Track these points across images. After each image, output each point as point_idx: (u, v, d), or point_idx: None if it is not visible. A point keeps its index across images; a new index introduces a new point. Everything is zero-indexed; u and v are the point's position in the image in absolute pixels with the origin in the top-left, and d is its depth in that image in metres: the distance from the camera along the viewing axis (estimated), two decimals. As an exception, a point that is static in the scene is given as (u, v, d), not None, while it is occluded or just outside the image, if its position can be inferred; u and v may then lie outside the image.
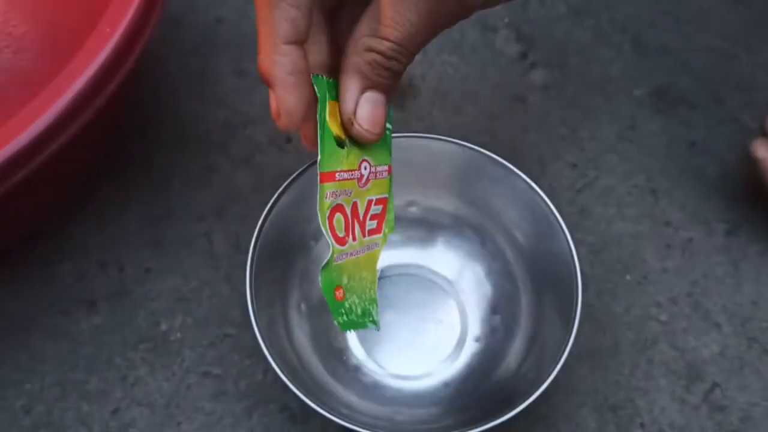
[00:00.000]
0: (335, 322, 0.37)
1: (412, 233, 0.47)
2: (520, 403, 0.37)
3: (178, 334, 0.46)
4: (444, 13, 0.35)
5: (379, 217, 0.40)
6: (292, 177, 0.43)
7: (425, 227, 0.47)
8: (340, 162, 0.36)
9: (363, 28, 0.35)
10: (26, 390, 0.44)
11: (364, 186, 0.38)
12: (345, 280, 0.38)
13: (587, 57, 0.57)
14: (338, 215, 0.37)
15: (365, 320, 0.39)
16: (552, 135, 0.53)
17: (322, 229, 0.36)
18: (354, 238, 0.38)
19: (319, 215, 0.35)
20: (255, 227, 0.42)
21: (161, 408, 0.44)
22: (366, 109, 0.36)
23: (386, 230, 0.40)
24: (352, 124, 0.36)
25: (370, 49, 0.35)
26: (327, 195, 0.35)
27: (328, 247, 0.36)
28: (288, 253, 0.45)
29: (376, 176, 0.38)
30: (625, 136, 0.54)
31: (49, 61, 0.48)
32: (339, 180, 0.36)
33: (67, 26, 0.48)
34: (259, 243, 0.42)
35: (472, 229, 0.47)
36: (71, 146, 0.39)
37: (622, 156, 0.53)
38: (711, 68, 0.56)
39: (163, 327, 0.46)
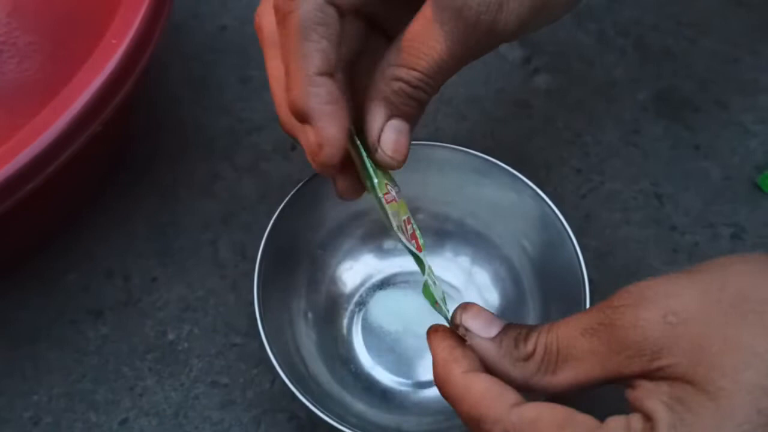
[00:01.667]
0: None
1: (418, 240, 0.47)
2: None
3: (185, 344, 0.46)
4: (472, 45, 0.35)
5: (414, 235, 0.40)
6: (298, 186, 0.43)
7: (431, 234, 0.47)
8: (382, 186, 0.37)
9: (391, 56, 0.36)
10: (34, 401, 0.44)
11: (397, 202, 0.38)
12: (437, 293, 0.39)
13: (591, 61, 0.57)
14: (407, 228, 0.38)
15: None
16: (556, 140, 0.53)
17: (404, 242, 0.37)
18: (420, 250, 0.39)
19: (399, 235, 0.37)
20: (260, 235, 0.42)
21: (169, 418, 0.44)
22: (390, 136, 0.36)
23: (422, 245, 0.40)
24: (376, 150, 0.36)
25: (397, 79, 0.35)
26: (391, 214, 0.36)
27: (422, 265, 0.37)
28: (294, 261, 0.45)
29: (398, 197, 0.38)
30: (629, 140, 0.54)
31: (54, 71, 0.48)
32: (389, 201, 0.37)
33: (72, 37, 0.48)
34: (265, 252, 0.42)
35: (478, 236, 0.47)
36: (79, 157, 0.39)
37: (626, 160, 0.53)
38: (714, 72, 0.56)
39: (170, 336, 0.46)
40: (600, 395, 0.32)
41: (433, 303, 0.39)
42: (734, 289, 0.29)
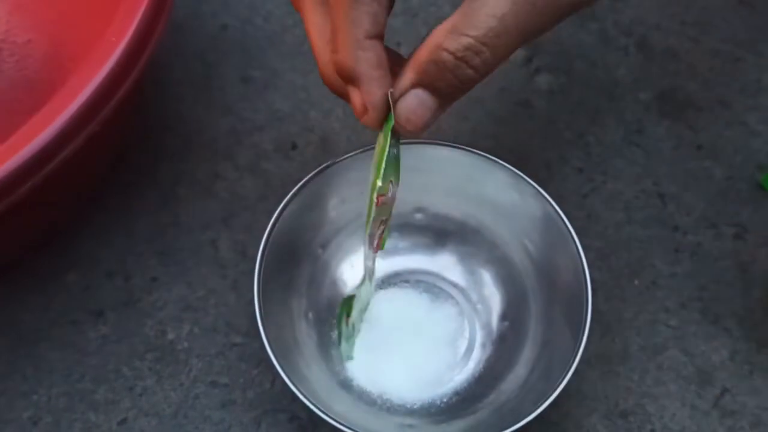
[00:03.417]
0: (345, 355, 0.41)
1: (419, 240, 0.47)
2: (531, 412, 0.37)
3: (185, 344, 0.46)
4: (540, 8, 0.33)
5: (380, 237, 0.40)
6: (299, 185, 0.43)
7: (432, 234, 0.47)
8: (384, 182, 0.36)
9: (444, 24, 0.33)
10: (33, 401, 0.44)
11: (388, 204, 0.38)
12: (355, 305, 0.39)
13: (593, 61, 0.57)
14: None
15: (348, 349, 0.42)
16: (558, 140, 0.53)
17: (369, 251, 0.36)
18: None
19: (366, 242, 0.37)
20: (261, 235, 0.42)
21: (169, 418, 0.44)
22: (409, 104, 0.34)
23: (382, 246, 0.40)
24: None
25: (440, 47, 0.32)
26: (376, 217, 0.36)
27: (368, 279, 0.37)
28: (295, 260, 0.44)
29: (393, 197, 0.38)
30: (631, 140, 0.53)
31: (53, 69, 0.47)
32: (380, 204, 0.36)
33: (72, 35, 0.48)
34: (266, 251, 0.42)
35: (480, 236, 0.46)
36: (78, 156, 0.39)
37: (628, 160, 0.52)
38: (717, 71, 0.56)
39: (170, 336, 0.46)
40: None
41: (342, 319, 0.40)
42: None
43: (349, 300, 0.42)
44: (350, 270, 0.46)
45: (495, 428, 0.38)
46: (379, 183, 0.35)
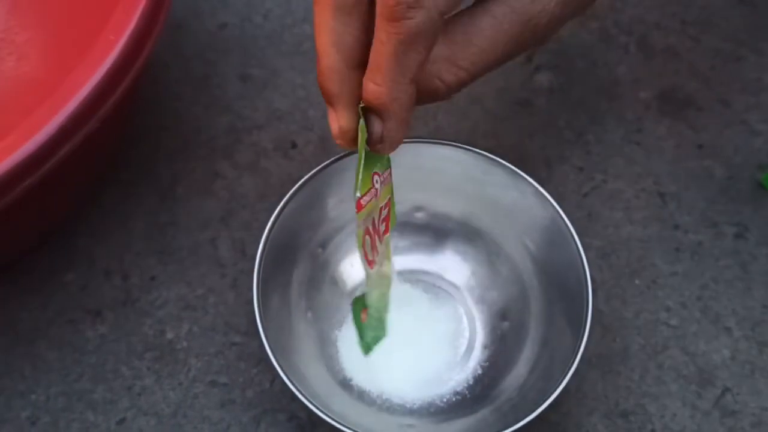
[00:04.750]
0: (360, 349, 0.40)
1: (419, 239, 0.47)
2: (531, 411, 0.37)
3: (184, 343, 0.46)
4: (522, 43, 0.36)
5: (387, 218, 0.40)
6: (299, 183, 0.42)
7: (432, 233, 0.47)
8: (363, 187, 0.36)
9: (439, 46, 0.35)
10: (32, 401, 0.44)
11: (377, 197, 0.38)
12: (370, 300, 0.40)
13: (593, 59, 0.56)
14: (367, 238, 0.37)
15: (379, 333, 0.41)
16: (558, 138, 0.53)
17: (362, 261, 0.37)
18: (377, 252, 0.38)
19: (359, 250, 0.37)
20: (260, 234, 0.42)
21: (168, 418, 0.44)
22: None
23: (392, 226, 0.40)
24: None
25: (436, 76, 0.36)
26: (360, 224, 0.36)
27: (366, 278, 0.38)
28: (294, 260, 0.44)
29: (384, 183, 0.38)
30: (631, 139, 0.53)
31: (52, 68, 0.47)
32: (365, 205, 0.36)
33: (71, 33, 0.48)
34: (265, 250, 0.41)
35: (480, 235, 0.46)
36: (76, 155, 0.39)
37: (629, 159, 0.52)
38: (717, 70, 0.56)
39: (169, 335, 0.46)
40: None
41: (358, 316, 0.40)
42: None
43: (359, 300, 0.42)
44: (350, 269, 0.46)
45: (495, 428, 0.38)
46: (358, 194, 0.36)
